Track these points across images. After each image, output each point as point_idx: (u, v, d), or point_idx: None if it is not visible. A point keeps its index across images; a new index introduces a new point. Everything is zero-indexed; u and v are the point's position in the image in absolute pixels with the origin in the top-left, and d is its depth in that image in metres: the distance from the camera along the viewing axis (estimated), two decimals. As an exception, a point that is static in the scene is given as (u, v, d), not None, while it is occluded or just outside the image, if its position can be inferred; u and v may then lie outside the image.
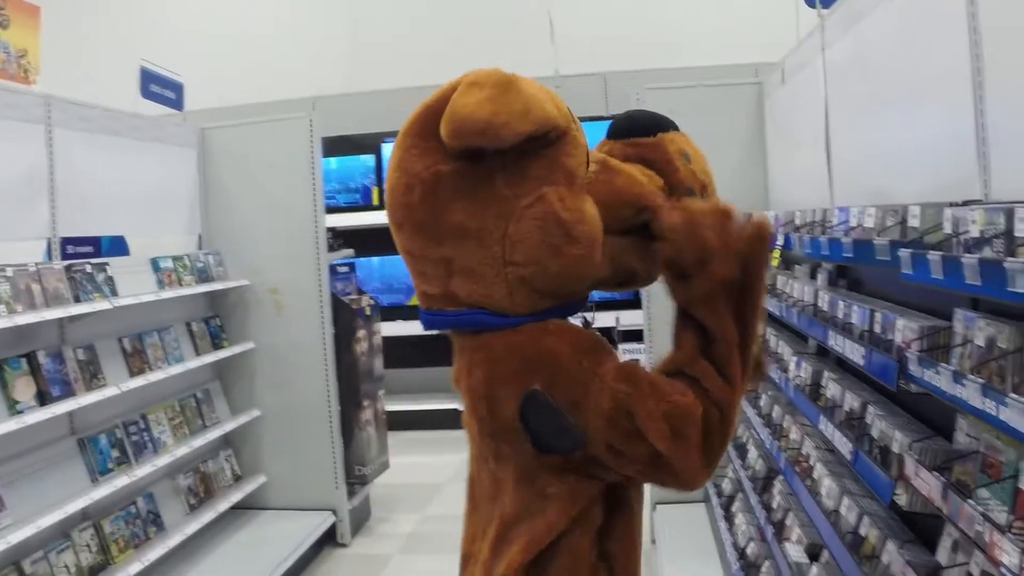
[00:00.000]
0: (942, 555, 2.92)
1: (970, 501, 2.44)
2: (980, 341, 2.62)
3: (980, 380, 2.41)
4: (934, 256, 2.69)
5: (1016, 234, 2.32)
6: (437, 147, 2.27)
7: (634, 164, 2.45)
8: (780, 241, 5.17)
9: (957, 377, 2.55)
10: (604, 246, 2.31)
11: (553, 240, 2.22)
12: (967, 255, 2.46)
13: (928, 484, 2.73)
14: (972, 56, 3.02)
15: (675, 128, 2.58)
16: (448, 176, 2.27)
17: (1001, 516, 2.36)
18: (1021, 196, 2.71)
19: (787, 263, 5.94)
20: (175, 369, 6.25)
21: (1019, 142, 2.80)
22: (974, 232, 2.58)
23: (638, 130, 2.53)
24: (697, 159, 2.53)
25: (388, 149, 10.93)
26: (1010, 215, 2.37)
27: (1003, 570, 2.19)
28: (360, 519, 7.71)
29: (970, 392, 2.44)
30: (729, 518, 6.01)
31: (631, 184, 2.39)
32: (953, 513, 2.53)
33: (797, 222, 4.96)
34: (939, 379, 2.69)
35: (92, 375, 5.40)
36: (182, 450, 6.22)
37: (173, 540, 5.92)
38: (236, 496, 6.91)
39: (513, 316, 2.32)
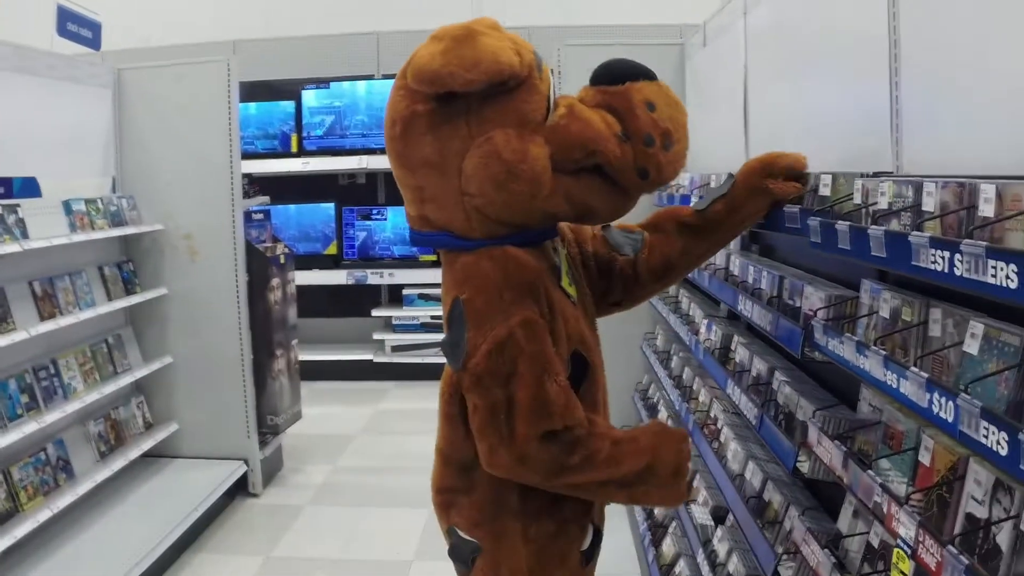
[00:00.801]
0: (843, 523, 2.96)
1: (870, 472, 2.46)
2: (885, 312, 2.64)
3: (883, 352, 2.43)
4: (842, 226, 2.70)
5: (924, 208, 2.33)
6: (417, 89, 2.52)
7: (600, 110, 2.59)
8: (694, 202, 5.18)
9: (860, 348, 2.57)
10: (559, 184, 2.54)
11: (497, 176, 2.47)
12: (874, 227, 2.47)
13: (830, 453, 2.76)
14: (890, 28, 3.03)
15: (648, 77, 2.69)
16: (422, 115, 2.54)
17: (900, 488, 2.39)
18: (932, 170, 2.73)
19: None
20: (86, 314, 6.15)
21: (931, 116, 2.82)
22: (883, 204, 2.59)
23: (610, 78, 2.64)
24: (664, 108, 2.63)
25: (308, 96, 10.86)
26: (919, 189, 2.38)
27: (900, 542, 2.22)
28: (272, 469, 7.67)
29: (872, 363, 2.46)
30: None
31: (585, 129, 2.54)
32: (853, 483, 2.55)
33: (712, 185, 4.97)
34: (843, 349, 2.71)
35: (1, 319, 5.29)
36: (93, 396, 6.12)
37: (83, 487, 5.83)
38: (147, 444, 6.83)
39: (473, 240, 2.60)
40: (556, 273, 2.69)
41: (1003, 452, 1.76)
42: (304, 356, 8.76)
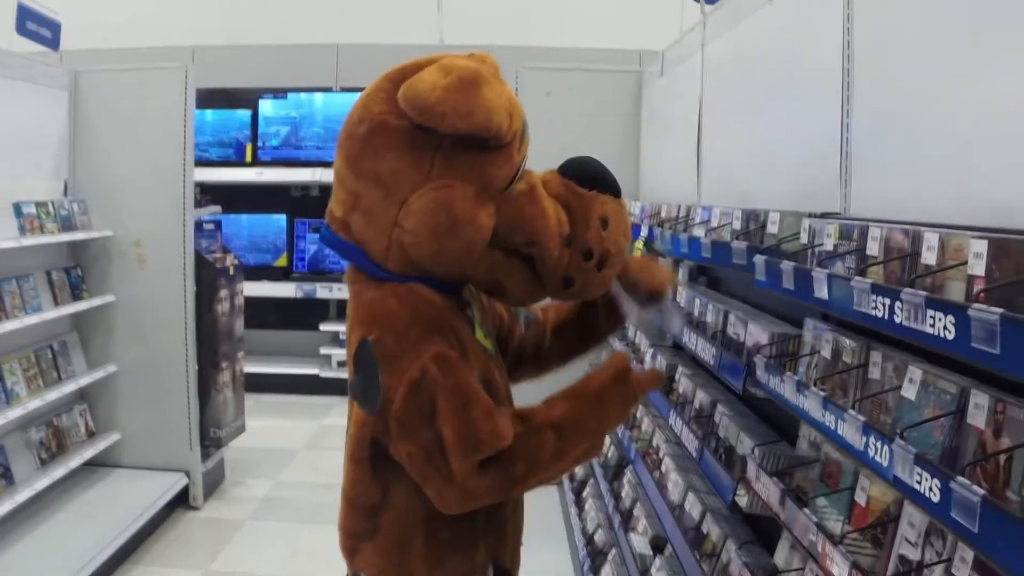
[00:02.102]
0: (780, 558, 2.99)
1: (806, 510, 2.49)
2: (827, 353, 2.67)
3: (822, 392, 2.46)
4: (787, 266, 2.73)
5: (868, 252, 2.36)
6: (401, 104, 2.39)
7: (558, 203, 2.52)
8: (644, 232, 5.22)
9: (800, 387, 2.60)
10: (488, 256, 2.44)
11: (439, 226, 2.35)
12: (817, 269, 2.50)
13: (767, 489, 2.78)
14: (843, 70, 3.08)
15: (615, 192, 2.62)
16: (393, 129, 2.40)
17: (836, 526, 2.41)
18: (878, 212, 2.77)
19: (652, 254, 5.99)
20: (32, 319, 6.05)
21: (880, 159, 2.86)
22: (828, 246, 2.63)
23: (580, 177, 2.57)
24: (615, 230, 2.56)
25: (265, 105, 10.81)
26: (864, 232, 2.41)
27: (832, 580, 2.24)
28: (214, 482, 7.58)
29: (811, 403, 2.49)
30: (580, 503, 6.07)
31: (536, 217, 2.46)
32: (789, 520, 2.58)
33: (663, 215, 5.01)
34: (784, 387, 2.74)
35: (-57, 321, 5.24)
36: (35, 403, 6.03)
37: (22, 495, 5.74)
38: (89, 452, 6.72)
39: (383, 270, 2.47)
40: (469, 324, 2.58)
41: (935, 499, 1.79)
42: (250, 368, 8.69)
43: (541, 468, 2.39)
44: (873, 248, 2.34)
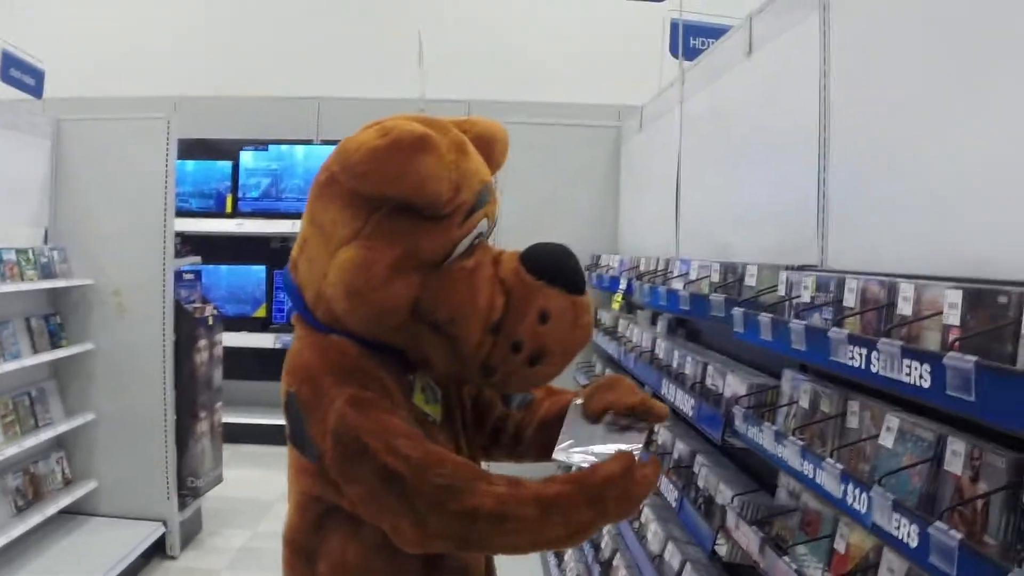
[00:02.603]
0: (758, 607, 3.01)
1: (785, 558, 2.52)
2: (805, 403, 2.71)
3: (800, 442, 2.50)
4: (764, 318, 2.78)
5: (845, 303, 2.41)
6: None
7: (499, 289, 2.40)
8: (623, 285, 5.26)
9: (779, 437, 2.64)
10: (413, 327, 2.39)
11: (349, 285, 2.33)
12: (795, 320, 2.54)
13: (747, 538, 2.81)
14: (820, 126, 3.13)
15: (573, 285, 2.42)
16: (340, 184, 2.39)
17: (816, 574, 2.44)
18: (855, 264, 2.82)
19: (630, 307, 6.03)
20: (10, 365, 6.05)
21: (857, 210, 2.92)
22: (805, 297, 2.67)
23: (537, 265, 2.41)
24: (559, 327, 2.38)
25: (246, 157, 10.84)
26: (840, 284, 2.46)
27: (811, 628, 2.26)
28: (191, 532, 7.54)
29: (790, 453, 2.52)
30: (559, 554, 6.06)
31: (462, 298, 2.38)
32: (769, 568, 2.61)
33: (641, 269, 5.05)
34: (762, 437, 2.78)
35: (-78, 366, 5.23)
36: (12, 449, 6.00)
37: (-2, 542, 5.74)
38: (65, 500, 6.70)
39: (314, 318, 2.49)
40: (408, 387, 2.49)
41: (913, 544, 1.82)
42: (228, 418, 8.65)
43: (508, 534, 2.26)
44: (850, 299, 2.39)
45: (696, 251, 4.65)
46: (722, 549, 3.13)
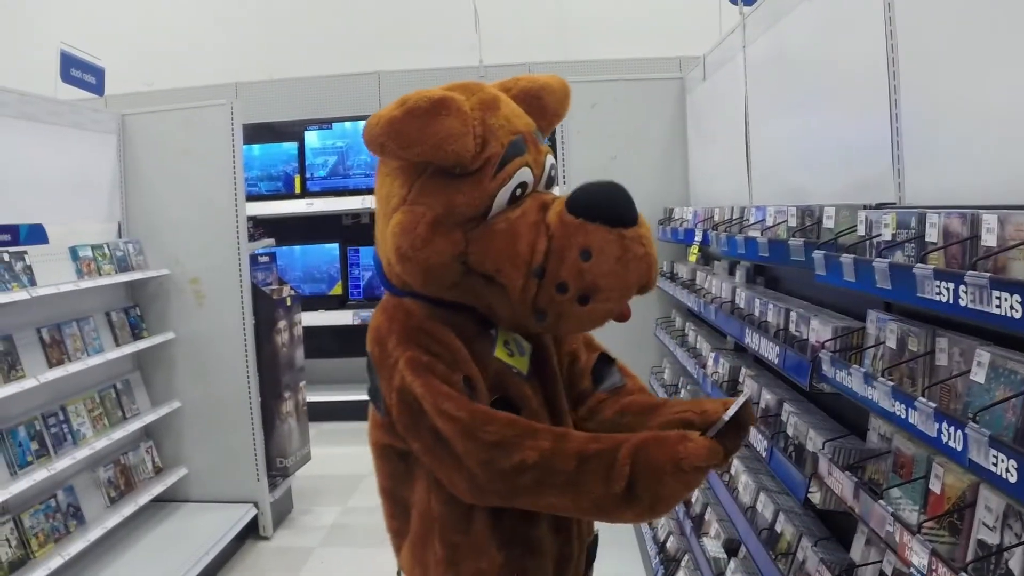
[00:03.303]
0: (856, 553, 2.97)
1: (881, 502, 2.48)
2: (892, 343, 2.66)
3: (890, 382, 2.45)
4: (846, 259, 2.72)
5: (927, 239, 2.35)
6: None
7: (543, 233, 2.44)
8: (699, 237, 5.21)
9: (868, 379, 2.59)
10: (468, 281, 2.48)
11: (398, 248, 2.47)
12: (878, 259, 2.49)
13: (840, 483, 2.77)
14: (888, 60, 3.06)
15: (620, 222, 2.39)
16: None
17: (912, 516, 2.40)
18: (934, 199, 2.76)
19: (706, 259, 5.98)
20: (94, 360, 6.13)
21: (932, 145, 2.85)
22: (887, 236, 2.61)
23: (580, 204, 2.42)
24: (606, 262, 2.36)
25: (311, 137, 10.88)
26: (921, 220, 2.40)
27: (913, 570, 2.22)
28: (282, 511, 7.64)
29: (880, 394, 2.48)
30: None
31: (503, 248, 2.44)
32: (865, 513, 2.57)
33: (716, 219, 4.99)
34: (851, 380, 2.73)
35: (10, 366, 5.29)
36: (102, 442, 6.09)
37: (93, 534, 5.80)
38: (157, 488, 6.79)
39: (390, 284, 2.65)
40: (487, 341, 2.57)
41: (1012, 480, 1.77)
42: (312, 397, 8.71)
43: (548, 489, 2.32)
44: (932, 234, 2.33)
45: (770, 197, 4.59)
46: (815, 496, 3.09)
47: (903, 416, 2.32)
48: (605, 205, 2.40)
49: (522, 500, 2.37)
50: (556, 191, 2.66)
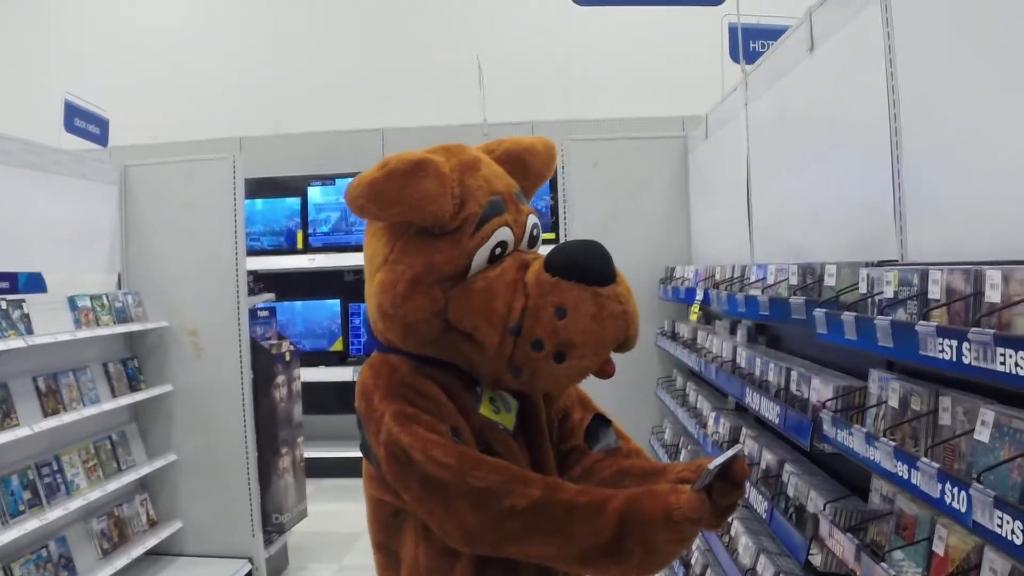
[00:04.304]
0: (857, 616, 2.91)
1: (883, 564, 2.42)
2: (894, 402, 2.62)
3: (892, 443, 2.40)
4: (847, 317, 2.69)
5: (930, 296, 2.32)
6: None
7: (520, 292, 2.44)
8: (700, 296, 5.18)
9: (869, 439, 2.55)
10: (449, 337, 2.50)
11: (380, 306, 2.53)
12: (880, 317, 2.46)
13: (842, 546, 2.72)
14: (890, 116, 3.05)
15: (594, 278, 2.39)
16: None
17: (913, 579, 2.35)
18: (936, 256, 2.73)
19: (708, 318, 5.95)
20: (90, 410, 6.09)
21: (934, 202, 2.82)
22: (888, 293, 2.58)
23: (557, 263, 2.42)
24: (581, 319, 2.36)
25: (314, 192, 10.88)
26: (924, 277, 2.37)
27: (915, 635, 2.17)
28: (277, 568, 7.55)
29: (882, 455, 2.43)
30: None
31: (480, 307, 2.45)
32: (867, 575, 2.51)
33: (717, 277, 4.97)
34: (852, 440, 2.68)
35: (4, 414, 5.25)
36: (96, 493, 6.04)
37: (84, 587, 5.75)
38: (151, 541, 6.73)
39: (376, 341, 2.66)
40: (473, 398, 2.56)
41: (1018, 541, 1.73)
42: (310, 453, 8.66)
43: (536, 537, 2.30)
44: (935, 291, 2.30)
45: (772, 255, 4.56)
46: (816, 559, 3.04)
47: (905, 477, 2.28)
48: (581, 263, 2.41)
49: (511, 548, 2.34)
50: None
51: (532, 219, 2.66)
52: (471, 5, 12.72)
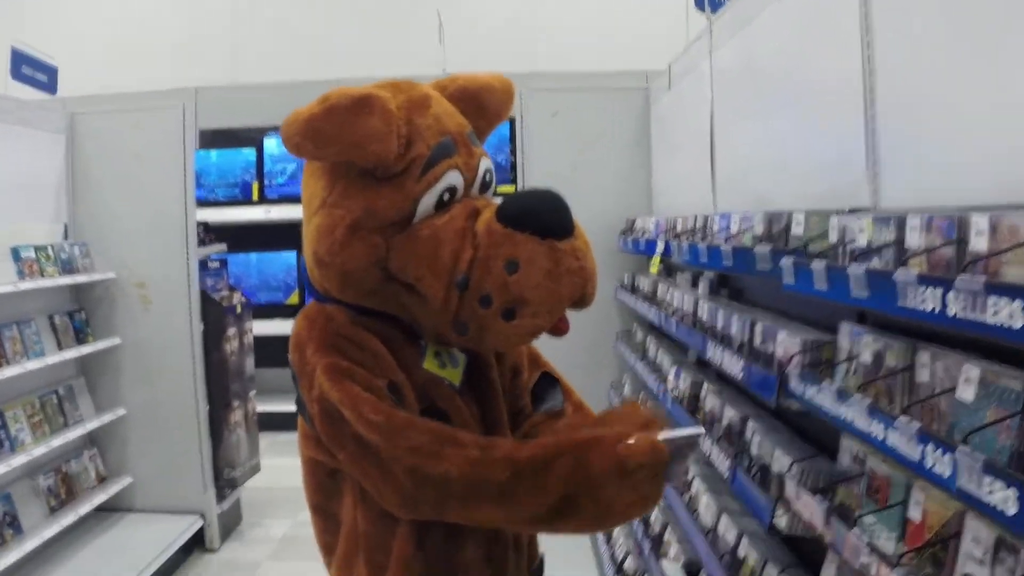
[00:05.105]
0: (824, 582, 2.79)
1: (855, 530, 2.29)
2: (867, 357, 2.48)
3: (867, 400, 2.26)
4: (818, 265, 2.54)
5: (907, 245, 2.18)
6: None
7: (468, 243, 2.29)
8: (660, 247, 5.05)
9: (841, 396, 2.40)
10: (389, 288, 2.36)
11: (316, 252, 2.37)
12: (855, 264, 2.31)
13: (810, 508, 2.58)
14: (864, 59, 2.89)
15: (551, 230, 2.24)
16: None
17: (888, 545, 2.22)
18: (913, 204, 2.58)
19: (669, 271, 5.83)
20: (34, 364, 5.94)
21: (911, 147, 2.67)
22: (861, 242, 2.43)
23: (510, 213, 2.27)
24: (535, 275, 2.21)
25: (270, 143, 10.69)
26: (901, 224, 2.22)
27: (890, 605, 2.04)
28: (230, 523, 7.45)
29: (855, 413, 2.28)
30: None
31: (423, 255, 2.31)
32: (837, 541, 2.38)
33: (679, 228, 4.83)
34: (822, 397, 2.54)
35: (-58, 369, 5.10)
36: (41, 449, 5.91)
37: (31, 544, 5.61)
38: (100, 498, 6.62)
39: (314, 290, 2.51)
40: (416, 351, 2.41)
41: (1011, 511, 1.59)
42: (265, 407, 8.55)
43: (479, 503, 2.17)
44: (913, 239, 2.15)
45: (736, 206, 4.42)
46: (781, 521, 2.91)
47: (881, 438, 2.13)
48: (537, 214, 2.26)
49: (454, 512, 2.22)
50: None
51: (485, 163, 2.48)
52: (432, -47, 12.51)
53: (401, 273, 2.31)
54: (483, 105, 2.61)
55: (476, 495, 2.16)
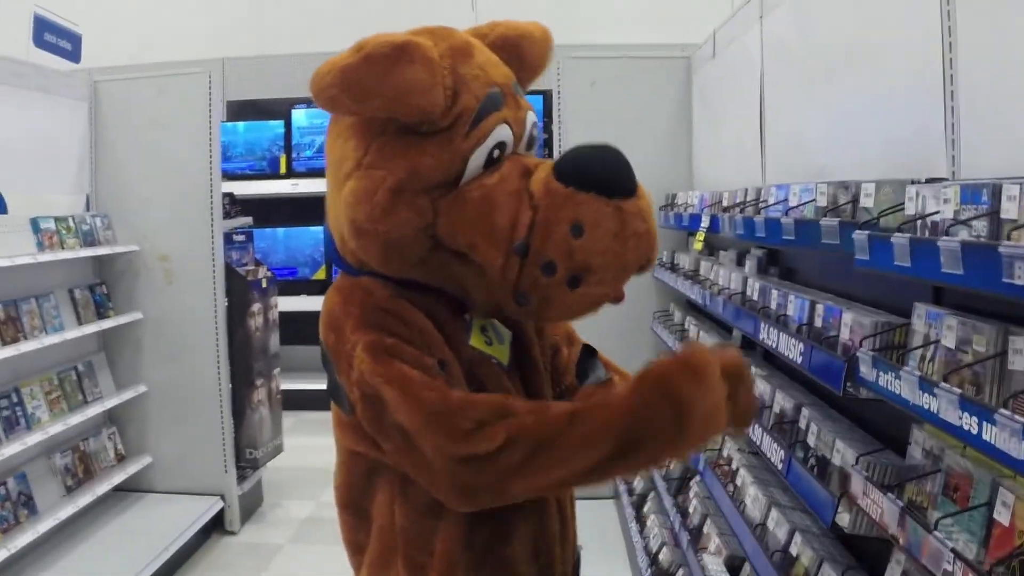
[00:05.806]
0: (890, 586, 2.55)
1: (936, 533, 2.05)
2: (949, 342, 2.22)
3: (958, 391, 2.01)
4: (899, 239, 2.28)
5: (1003, 216, 1.93)
6: None
7: (526, 204, 2.10)
8: (705, 223, 4.81)
9: (924, 385, 2.15)
10: (439, 258, 2.16)
11: (353, 220, 2.14)
12: (946, 238, 2.05)
13: (880, 507, 2.35)
14: (943, 23, 2.64)
15: (615, 189, 2.06)
16: (340, 117, 2.26)
17: (968, 550, 1.99)
18: (995, 173, 2.33)
19: (711, 249, 5.58)
20: (53, 339, 5.76)
21: (992, 120, 2.42)
22: (947, 213, 2.18)
23: (566, 173, 2.08)
24: (602, 239, 2.04)
25: (298, 115, 10.50)
26: (996, 194, 1.97)
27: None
28: (251, 505, 7.28)
29: (943, 403, 2.03)
30: (640, 519, 5.66)
31: (477, 219, 2.11)
32: (913, 544, 2.14)
33: (725, 202, 4.59)
34: (900, 385, 2.29)
35: (-43, 343, 4.93)
36: (58, 427, 5.74)
37: (45, 525, 5.45)
38: (118, 477, 6.45)
39: (344, 263, 2.32)
40: (461, 327, 2.23)
41: None
42: (289, 385, 8.37)
43: (547, 455, 1.98)
44: (1011, 210, 1.90)
45: (787, 179, 4.18)
46: (843, 518, 2.67)
47: (975, 432, 1.88)
48: (600, 172, 2.08)
49: (517, 485, 2.01)
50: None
51: (531, 117, 2.29)
52: (466, -76, 12.29)
53: (451, 240, 2.12)
54: (523, 55, 2.42)
55: (538, 456, 1.97)
